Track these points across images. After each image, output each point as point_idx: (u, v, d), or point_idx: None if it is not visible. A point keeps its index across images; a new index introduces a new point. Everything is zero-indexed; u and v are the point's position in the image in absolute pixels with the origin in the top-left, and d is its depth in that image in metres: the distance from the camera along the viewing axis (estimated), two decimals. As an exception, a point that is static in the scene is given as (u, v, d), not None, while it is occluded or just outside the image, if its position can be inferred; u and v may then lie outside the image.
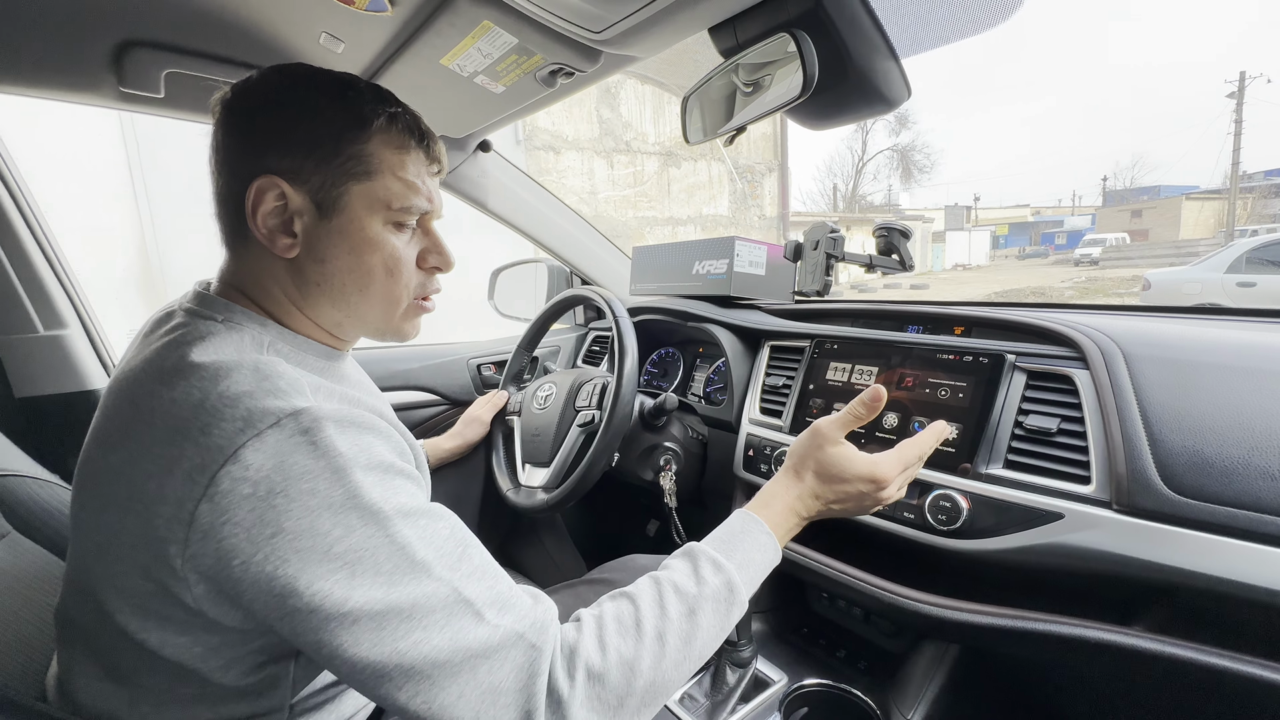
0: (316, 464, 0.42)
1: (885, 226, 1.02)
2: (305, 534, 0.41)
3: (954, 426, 0.77)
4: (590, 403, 1.04)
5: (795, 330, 1.06)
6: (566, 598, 0.90)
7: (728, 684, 0.90)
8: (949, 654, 0.89)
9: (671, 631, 0.50)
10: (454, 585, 0.45)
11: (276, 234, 0.52)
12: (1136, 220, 29.08)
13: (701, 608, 0.52)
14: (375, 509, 0.43)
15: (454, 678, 0.42)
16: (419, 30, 0.76)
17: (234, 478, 0.41)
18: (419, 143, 0.56)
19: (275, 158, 0.51)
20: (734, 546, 0.58)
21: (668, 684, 0.50)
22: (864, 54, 0.61)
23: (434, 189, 0.58)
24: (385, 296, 0.56)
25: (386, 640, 0.41)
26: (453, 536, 0.47)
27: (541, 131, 7.26)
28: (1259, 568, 0.54)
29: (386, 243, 0.54)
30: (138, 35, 0.78)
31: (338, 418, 0.45)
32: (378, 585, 0.42)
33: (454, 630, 0.43)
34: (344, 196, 0.52)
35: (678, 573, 0.55)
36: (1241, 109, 20.63)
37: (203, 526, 0.41)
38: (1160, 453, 0.61)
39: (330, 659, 0.42)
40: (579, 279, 1.56)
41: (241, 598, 0.42)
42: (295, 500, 0.41)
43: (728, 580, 0.55)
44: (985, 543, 0.71)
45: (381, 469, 0.45)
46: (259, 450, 0.41)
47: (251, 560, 0.41)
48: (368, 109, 0.53)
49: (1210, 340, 0.70)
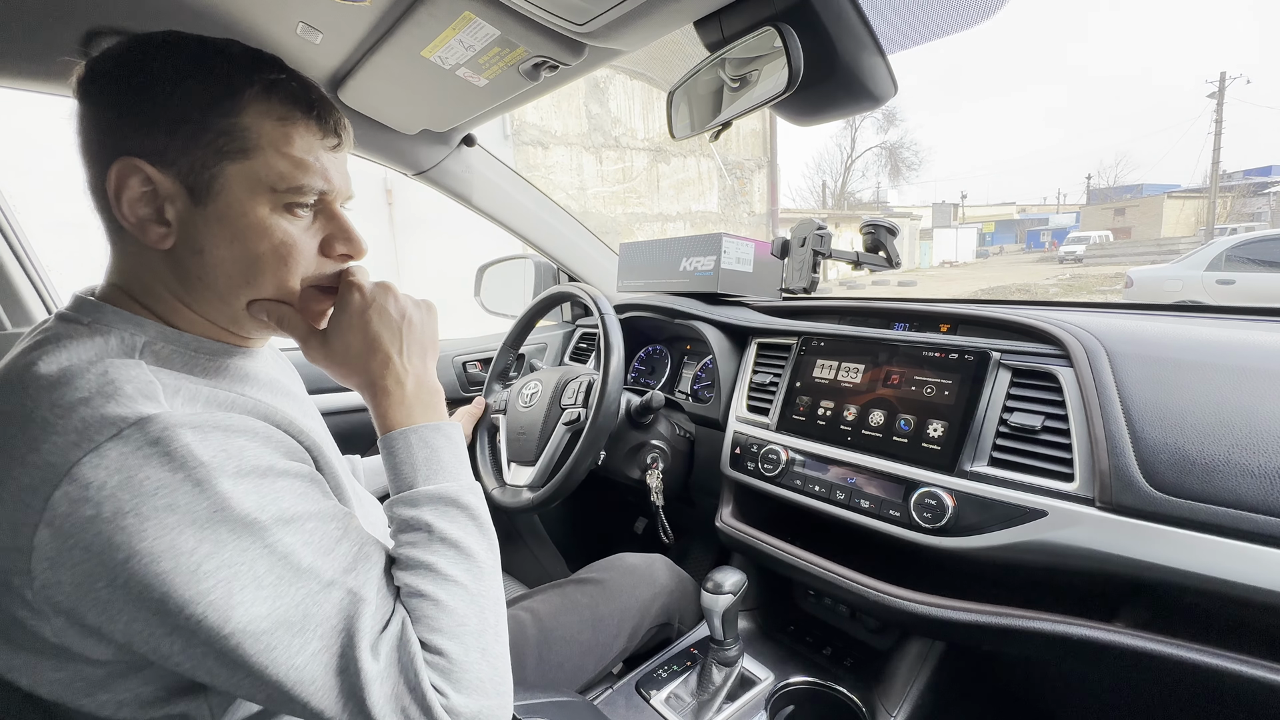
0: (173, 476, 0.38)
1: (872, 224, 1.02)
2: (165, 555, 0.37)
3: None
4: (576, 401, 1.03)
5: (782, 327, 1.06)
6: (553, 598, 0.89)
7: (714, 683, 0.89)
8: (934, 651, 0.89)
9: (452, 569, 0.47)
10: (348, 587, 0.42)
11: (148, 224, 0.46)
12: (1120, 218, 29.51)
13: (445, 533, 0.48)
14: (248, 519, 0.39)
15: (352, 690, 0.41)
16: (399, 21, 0.74)
17: (72, 499, 0.36)
18: (307, 112, 0.49)
19: (136, 138, 0.45)
20: (406, 475, 0.51)
21: (492, 599, 0.49)
22: (850, 49, 0.60)
23: (332, 166, 0.51)
24: (280, 290, 0.50)
25: (280, 658, 0.39)
26: (347, 537, 0.45)
27: (529, 126, 7.21)
28: (1240, 564, 0.55)
29: (275, 228, 0.48)
30: (106, 23, 0.76)
31: (195, 423, 0.40)
32: (260, 601, 0.39)
33: (349, 637, 0.41)
34: (219, 179, 0.46)
35: (402, 536, 0.49)
36: (1222, 109, 20.96)
37: (46, 555, 0.36)
38: (1143, 450, 0.62)
39: (225, 685, 0.40)
40: (566, 275, 1.55)
41: (104, 629, 0.38)
42: (149, 519, 0.37)
43: (432, 496, 0.50)
44: (970, 540, 0.71)
45: (256, 474, 0.41)
46: (98, 467, 0.37)
47: (113, 585, 0.36)
48: (239, 77, 0.47)
49: (1192, 338, 0.71)
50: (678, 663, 0.95)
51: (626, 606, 0.92)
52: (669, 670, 0.94)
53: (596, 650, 0.87)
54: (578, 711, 0.74)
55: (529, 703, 0.70)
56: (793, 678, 0.93)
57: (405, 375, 0.53)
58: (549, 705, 0.72)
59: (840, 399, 0.90)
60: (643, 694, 0.90)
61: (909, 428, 0.81)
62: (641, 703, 0.89)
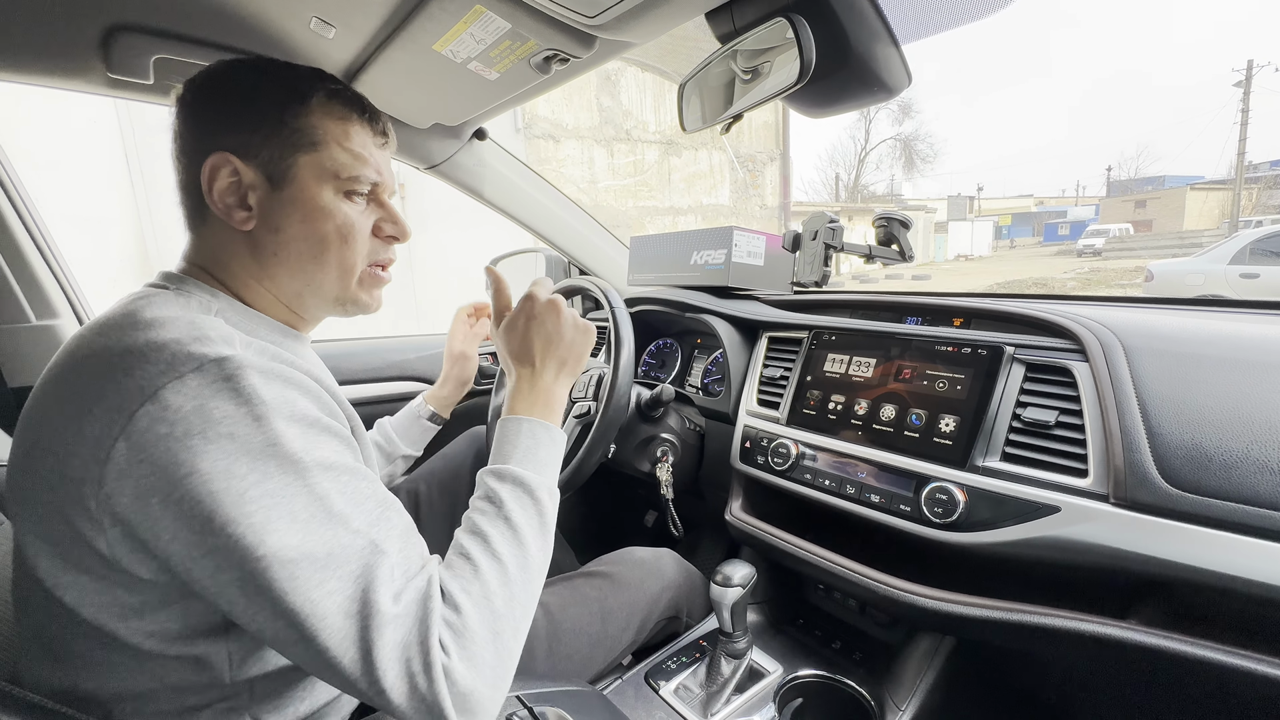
0: (238, 410, 0.43)
1: (885, 217, 1.01)
2: (221, 476, 0.41)
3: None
4: (586, 394, 1.04)
5: (793, 321, 1.06)
6: (563, 590, 0.90)
7: (723, 675, 0.90)
8: (944, 646, 0.89)
9: (500, 545, 0.51)
10: (372, 538, 0.45)
11: (233, 209, 0.55)
12: (1140, 211, 28.92)
13: (511, 514, 0.53)
14: (295, 458, 0.44)
15: (363, 632, 0.42)
16: (411, 15, 0.75)
17: (152, 417, 0.41)
18: (361, 114, 0.59)
19: (225, 136, 0.54)
20: (506, 452, 0.59)
21: (525, 595, 0.51)
22: (863, 39, 0.59)
23: (383, 162, 0.61)
24: (340, 263, 0.58)
25: (300, 588, 0.41)
26: (374, 497, 0.48)
27: (541, 120, 7.21)
28: (1258, 562, 0.54)
29: (338, 210, 0.57)
30: (126, 20, 0.77)
31: (262, 368, 0.46)
32: (293, 532, 0.42)
33: (367, 583, 0.43)
34: (292, 167, 0.55)
35: (476, 502, 0.56)
36: (1248, 98, 20.43)
37: (118, 466, 0.41)
38: (1159, 446, 0.61)
39: (243, 609, 0.42)
40: (577, 269, 1.55)
41: (154, 542, 0.42)
42: (213, 443, 0.41)
43: (516, 478, 0.56)
44: (981, 536, 0.71)
45: (305, 422, 0.46)
46: (179, 392, 0.42)
47: (167, 500, 0.41)
48: (306, 84, 0.57)
49: (1212, 332, 0.70)
50: (687, 654, 0.96)
51: (635, 599, 0.92)
52: (678, 662, 0.94)
53: (605, 642, 0.87)
54: (588, 700, 0.75)
55: (539, 691, 0.71)
56: (801, 670, 0.93)
57: (537, 379, 0.64)
58: (559, 694, 0.73)
59: (851, 393, 0.90)
60: (652, 685, 0.90)
61: (920, 422, 0.80)
62: (651, 693, 0.89)
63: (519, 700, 0.66)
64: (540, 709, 0.66)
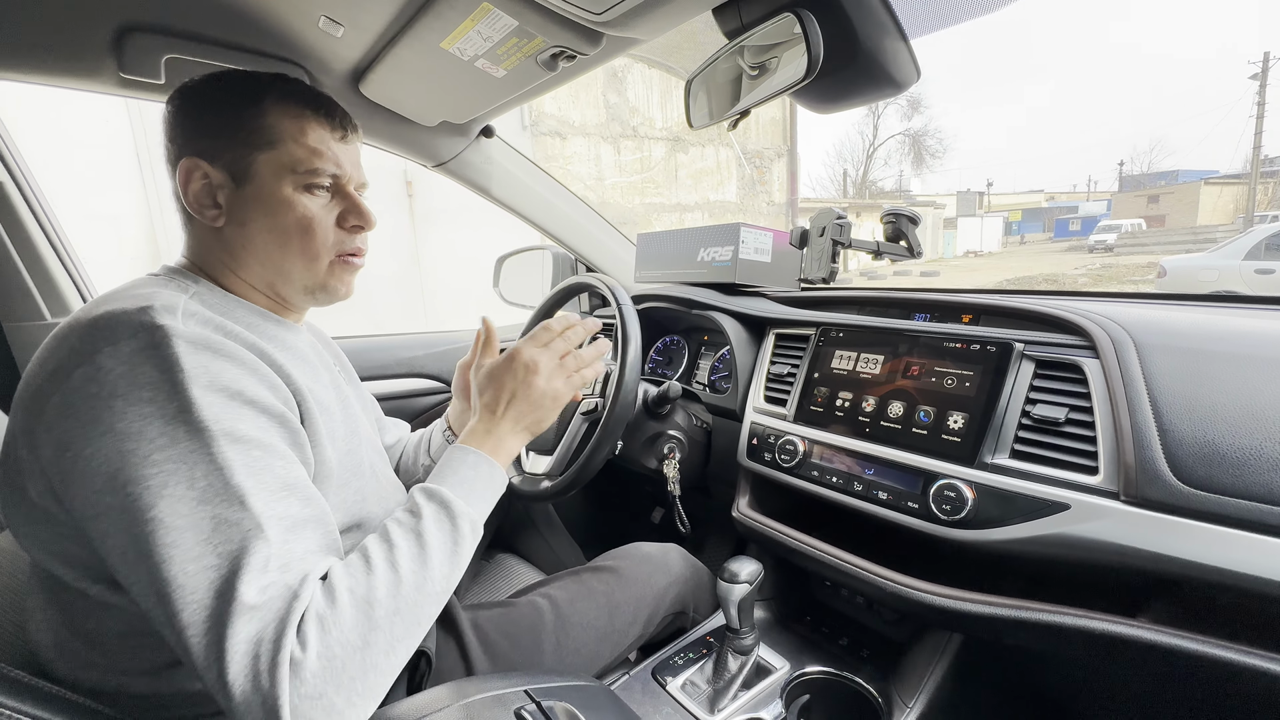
0: (160, 376, 0.46)
1: (893, 213, 1.01)
2: (133, 436, 0.44)
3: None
4: (594, 391, 1.04)
5: (800, 318, 1.05)
6: (570, 585, 0.91)
7: (730, 671, 0.90)
8: (951, 643, 0.88)
9: (402, 557, 0.50)
10: (259, 520, 0.44)
11: (205, 208, 0.59)
12: (1153, 206, 28.53)
13: (425, 532, 0.53)
14: (202, 425, 0.45)
15: (218, 616, 0.41)
16: (418, 13, 0.75)
17: (86, 377, 0.45)
18: (316, 110, 0.61)
19: (195, 142, 0.59)
20: (444, 475, 0.61)
21: (411, 616, 0.49)
22: (872, 34, 0.59)
23: (342, 154, 0.63)
24: (304, 253, 0.61)
25: (177, 558, 0.42)
26: (283, 479, 0.48)
27: (548, 117, 7.20)
28: (1269, 560, 0.54)
29: (298, 203, 0.60)
30: (138, 20, 0.78)
31: (191, 338, 0.48)
32: (187, 500, 0.43)
33: (237, 566, 0.43)
34: (253, 165, 0.59)
35: (398, 513, 0.56)
36: (1265, 91, 20.10)
37: (49, 419, 0.46)
38: (1170, 443, 0.60)
39: (126, 573, 0.44)
40: (584, 266, 1.55)
41: (66, 492, 0.46)
42: (133, 405, 0.44)
43: (443, 500, 0.57)
44: (990, 533, 0.70)
45: (227, 393, 0.48)
46: (113, 356, 0.46)
47: (80, 454, 0.44)
48: (260, 87, 0.60)
49: (1225, 329, 0.69)
50: (694, 650, 0.96)
51: (642, 594, 0.93)
52: (685, 658, 0.95)
53: (612, 637, 0.88)
54: (594, 695, 0.75)
55: (546, 685, 0.71)
56: (808, 667, 0.93)
57: (495, 426, 0.67)
58: (567, 689, 0.73)
59: (859, 390, 0.90)
60: (659, 680, 0.91)
61: (928, 419, 0.80)
62: (658, 689, 0.90)
63: (527, 694, 0.66)
64: (548, 703, 0.66)
